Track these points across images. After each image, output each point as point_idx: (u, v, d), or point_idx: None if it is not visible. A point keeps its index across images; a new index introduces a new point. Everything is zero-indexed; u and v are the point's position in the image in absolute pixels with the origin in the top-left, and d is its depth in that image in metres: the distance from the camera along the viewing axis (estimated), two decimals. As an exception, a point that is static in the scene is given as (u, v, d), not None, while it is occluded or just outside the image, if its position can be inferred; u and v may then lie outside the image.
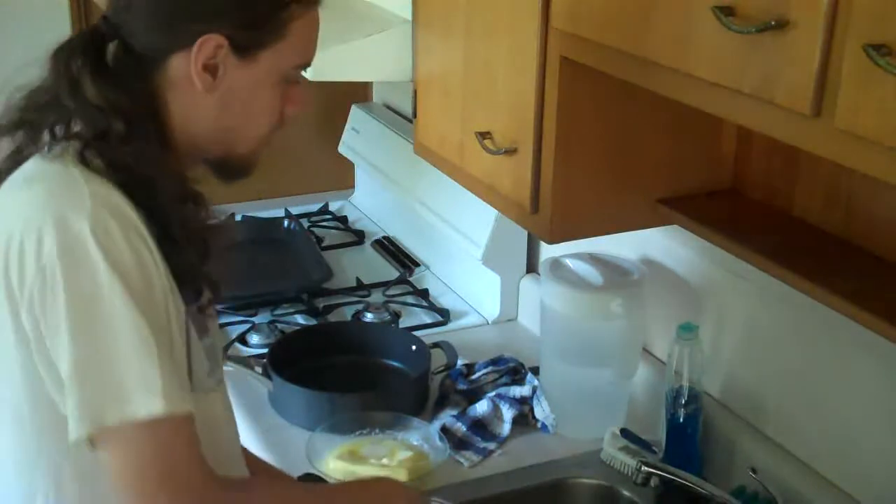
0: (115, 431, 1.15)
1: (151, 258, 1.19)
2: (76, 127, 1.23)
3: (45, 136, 1.26)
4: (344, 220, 2.95)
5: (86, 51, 1.24)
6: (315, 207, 3.01)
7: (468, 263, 2.37)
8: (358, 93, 3.00)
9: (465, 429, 1.87)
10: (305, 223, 2.88)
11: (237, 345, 2.22)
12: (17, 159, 1.27)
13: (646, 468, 1.61)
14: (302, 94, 1.35)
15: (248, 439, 1.83)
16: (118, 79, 1.23)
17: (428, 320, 2.36)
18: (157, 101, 1.25)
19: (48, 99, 1.26)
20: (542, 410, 1.90)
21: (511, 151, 1.62)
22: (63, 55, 1.25)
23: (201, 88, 1.24)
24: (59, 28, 1.32)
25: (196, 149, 1.30)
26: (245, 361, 2.00)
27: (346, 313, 2.38)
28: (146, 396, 1.14)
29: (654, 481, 1.62)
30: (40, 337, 1.17)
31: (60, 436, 1.18)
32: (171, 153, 1.26)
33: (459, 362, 2.07)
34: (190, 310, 1.28)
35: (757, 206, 1.64)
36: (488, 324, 2.36)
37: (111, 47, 1.25)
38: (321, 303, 2.41)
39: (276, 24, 1.26)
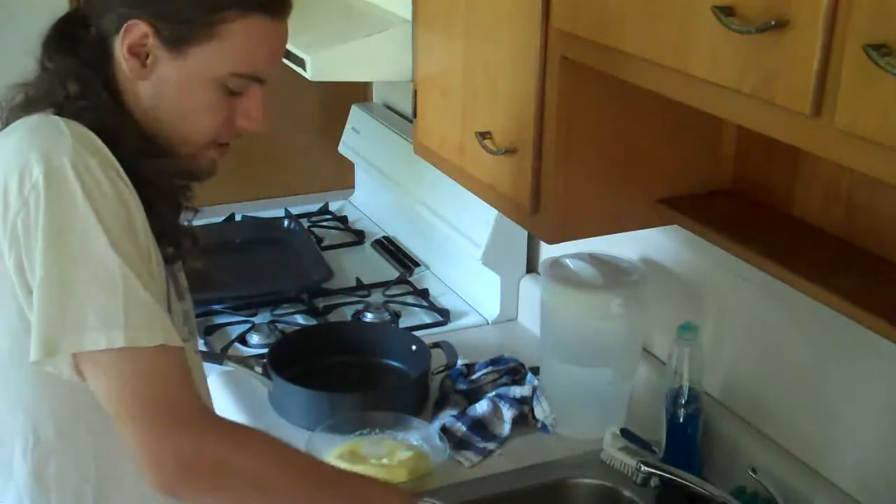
0: (91, 360, 1.17)
1: (133, 198, 1.22)
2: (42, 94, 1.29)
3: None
4: (344, 220, 2.95)
5: (58, 30, 1.33)
6: (315, 207, 3.01)
7: (468, 263, 2.37)
8: (358, 93, 3.00)
9: (465, 429, 1.87)
10: (305, 223, 2.88)
11: (237, 345, 2.22)
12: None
13: (646, 468, 1.61)
14: (255, 109, 1.34)
15: (248, 439, 1.83)
16: (74, 50, 1.30)
17: (428, 320, 2.36)
18: (110, 73, 1.30)
19: (37, 90, 1.32)
20: (542, 410, 1.90)
21: (511, 151, 1.62)
22: (44, 47, 1.34)
23: (128, 72, 1.29)
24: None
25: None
26: (245, 361, 2.00)
27: (346, 313, 2.38)
28: (104, 331, 1.16)
29: (654, 481, 1.62)
30: (22, 268, 1.18)
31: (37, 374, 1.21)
32: (130, 116, 1.30)
33: (459, 362, 2.07)
34: (169, 269, 1.32)
35: (757, 206, 1.64)
36: (488, 324, 2.36)
37: (90, 29, 1.32)
38: (321, 303, 2.41)
39: (205, 21, 1.27)
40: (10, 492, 1.30)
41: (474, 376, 2.02)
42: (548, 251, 2.21)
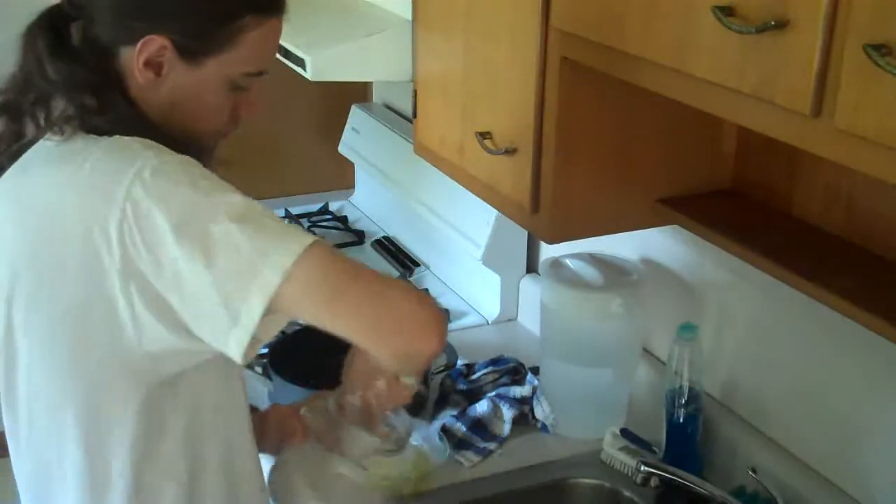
0: (283, 291, 1.14)
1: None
2: (58, 105, 1.26)
3: (28, 119, 1.29)
4: (344, 220, 2.95)
5: (47, 30, 1.28)
6: (315, 207, 3.01)
7: (468, 263, 2.37)
8: (358, 93, 3.00)
9: (465, 429, 1.87)
10: (305, 223, 2.88)
11: (237, 345, 2.21)
12: (20, 143, 1.29)
13: (646, 468, 1.61)
14: (256, 97, 1.36)
15: (248, 439, 1.83)
16: (77, 57, 1.27)
17: (428, 320, 2.36)
18: (120, 81, 1.28)
19: (23, 79, 1.30)
20: (542, 410, 1.90)
21: (511, 151, 1.62)
22: (30, 35, 1.29)
23: (142, 83, 1.27)
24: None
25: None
26: (245, 361, 2.00)
27: (347, 313, 2.37)
28: (286, 242, 1.15)
29: (654, 481, 1.62)
30: (143, 283, 1.16)
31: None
32: (150, 123, 1.29)
33: (459, 362, 2.07)
34: None
35: (757, 206, 1.64)
36: (488, 324, 2.36)
37: (74, 28, 1.29)
38: (321, 303, 2.41)
39: (225, 34, 1.28)
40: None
41: (474, 376, 2.02)
42: (548, 251, 2.21)
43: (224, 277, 1.14)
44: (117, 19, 1.27)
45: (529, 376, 2.00)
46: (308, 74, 2.02)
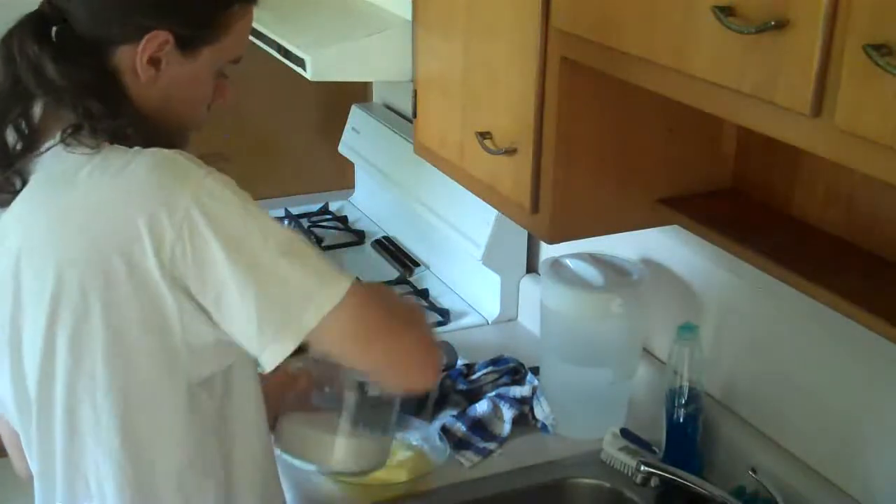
0: (324, 324, 1.22)
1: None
2: (36, 113, 1.26)
3: (11, 128, 1.28)
4: (344, 220, 2.95)
5: (38, 35, 1.26)
6: (315, 207, 3.01)
7: (468, 263, 2.37)
8: (358, 93, 3.00)
9: (465, 429, 1.87)
10: (305, 223, 2.88)
11: (237, 345, 2.22)
12: (22, 154, 1.27)
13: (646, 468, 1.61)
14: (228, 86, 1.39)
15: (248, 439, 1.83)
16: (77, 60, 1.26)
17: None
18: (117, 80, 1.28)
19: (6, 88, 1.28)
20: (542, 410, 1.90)
21: (511, 151, 1.62)
22: (14, 42, 1.27)
23: (144, 80, 1.28)
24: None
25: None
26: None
27: (346, 313, 2.37)
28: (328, 286, 1.22)
29: (654, 481, 1.62)
30: (189, 295, 1.20)
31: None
32: (152, 122, 1.30)
33: (459, 362, 2.07)
34: None
35: (757, 206, 1.64)
36: (488, 324, 2.36)
37: (55, 31, 1.27)
38: (321, 303, 2.41)
39: (220, 22, 1.30)
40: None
41: (474, 376, 2.02)
42: (548, 251, 2.21)
43: (266, 308, 1.20)
44: (116, 17, 1.26)
45: (529, 376, 2.00)
46: (308, 74, 2.02)
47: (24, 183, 1.26)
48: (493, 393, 1.95)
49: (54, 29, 1.27)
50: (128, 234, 1.18)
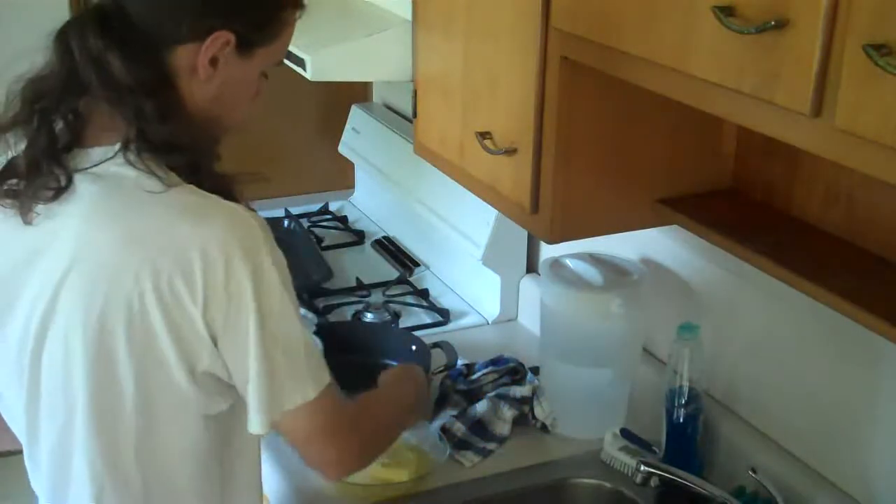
0: (293, 413, 1.30)
1: None
2: (117, 108, 1.25)
3: (60, 124, 1.27)
4: (344, 220, 2.95)
5: (101, 30, 1.25)
6: (315, 207, 3.01)
7: (468, 263, 2.37)
8: (358, 93, 3.00)
9: (465, 429, 1.87)
10: (305, 223, 2.88)
11: (237, 345, 2.22)
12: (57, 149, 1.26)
13: (646, 468, 1.61)
14: (264, 85, 1.41)
15: (248, 439, 1.83)
16: (137, 58, 1.24)
17: (428, 320, 2.36)
18: (171, 80, 1.28)
19: (60, 84, 1.27)
20: (542, 410, 1.90)
21: (511, 151, 1.62)
22: (72, 37, 1.26)
23: (203, 79, 1.28)
24: (59, 17, 1.30)
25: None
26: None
27: (346, 313, 2.38)
28: (309, 382, 1.30)
29: (654, 481, 1.62)
30: (212, 352, 1.26)
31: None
32: (199, 128, 1.30)
33: (459, 362, 2.07)
34: None
35: (757, 206, 1.64)
36: (488, 324, 2.36)
37: (116, 27, 1.25)
38: (321, 303, 2.41)
39: (277, 24, 1.33)
40: None
41: (474, 376, 2.02)
42: (548, 251, 2.21)
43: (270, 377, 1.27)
44: (185, 17, 1.25)
45: (529, 376, 2.00)
46: (308, 74, 2.02)
47: (69, 179, 1.24)
48: (493, 393, 1.95)
49: (116, 25, 1.25)
50: (186, 276, 1.21)
